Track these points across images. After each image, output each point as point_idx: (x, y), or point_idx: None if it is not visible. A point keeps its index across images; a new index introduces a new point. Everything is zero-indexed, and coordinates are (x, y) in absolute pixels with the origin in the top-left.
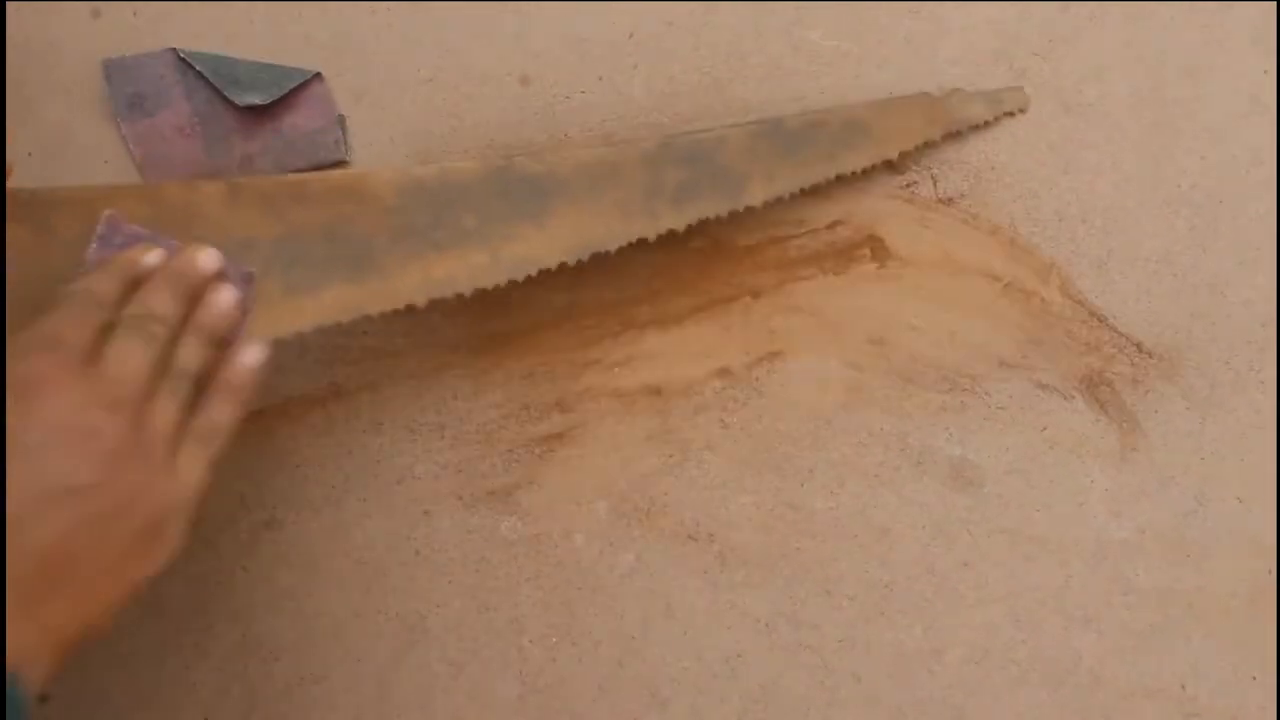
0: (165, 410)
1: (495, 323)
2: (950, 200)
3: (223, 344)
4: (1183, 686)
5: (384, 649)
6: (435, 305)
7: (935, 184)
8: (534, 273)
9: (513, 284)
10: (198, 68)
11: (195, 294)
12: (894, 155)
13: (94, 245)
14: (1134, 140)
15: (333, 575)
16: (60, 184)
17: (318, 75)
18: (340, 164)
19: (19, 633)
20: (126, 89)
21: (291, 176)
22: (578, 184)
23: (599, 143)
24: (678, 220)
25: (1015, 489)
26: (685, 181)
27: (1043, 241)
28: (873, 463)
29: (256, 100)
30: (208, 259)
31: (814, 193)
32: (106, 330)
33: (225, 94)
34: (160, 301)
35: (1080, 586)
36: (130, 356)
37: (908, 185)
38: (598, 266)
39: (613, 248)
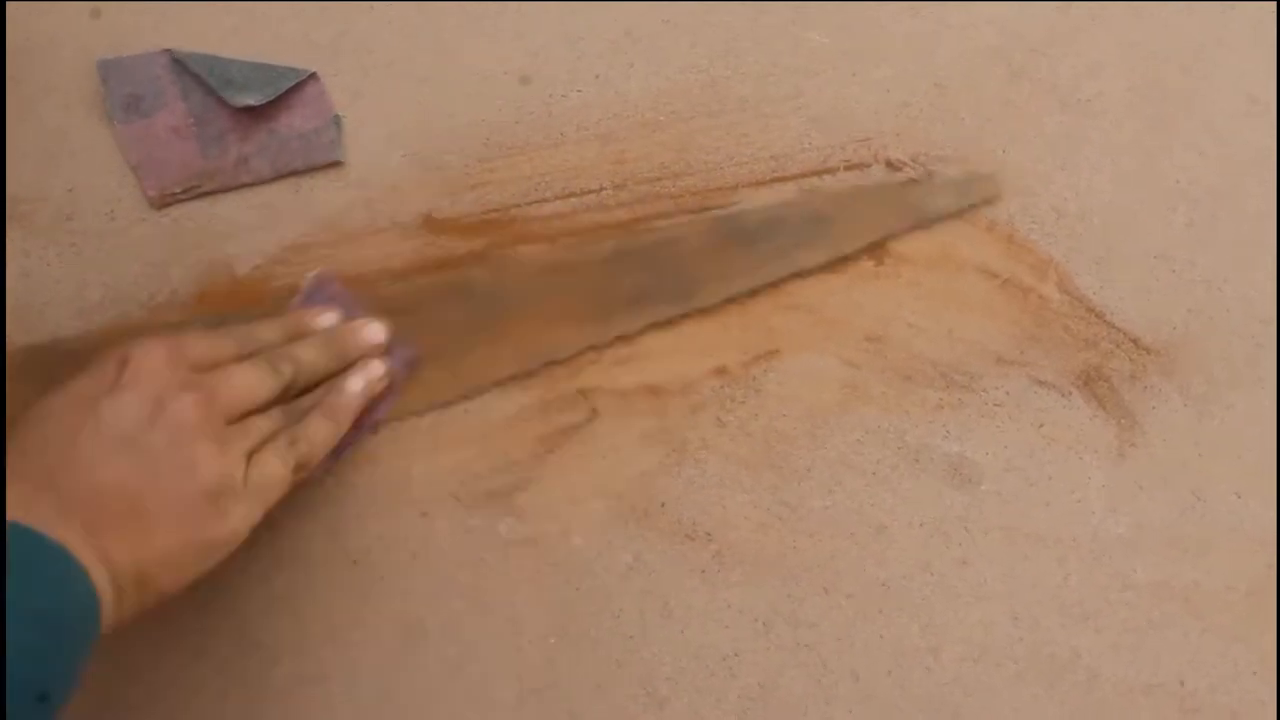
0: (263, 424)
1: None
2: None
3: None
4: (1181, 682)
5: (383, 650)
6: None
7: (933, 181)
8: (488, 386)
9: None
10: (193, 68)
11: (345, 359)
12: (851, 251)
13: (297, 299)
14: (1132, 137)
15: (331, 577)
16: (60, 332)
17: (313, 75)
18: (335, 164)
19: (81, 548)
20: (122, 90)
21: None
22: (534, 293)
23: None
24: (630, 325)
25: (1013, 486)
26: (640, 286)
27: (1041, 238)
28: (870, 460)
29: (252, 100)
30: (371, 332)
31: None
32: (241, 359)
33: (221, 94)
34: (306, 352)
35: (1078, 583)
36: (244, 376)
37: (906, 184)
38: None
39: (563, 356)
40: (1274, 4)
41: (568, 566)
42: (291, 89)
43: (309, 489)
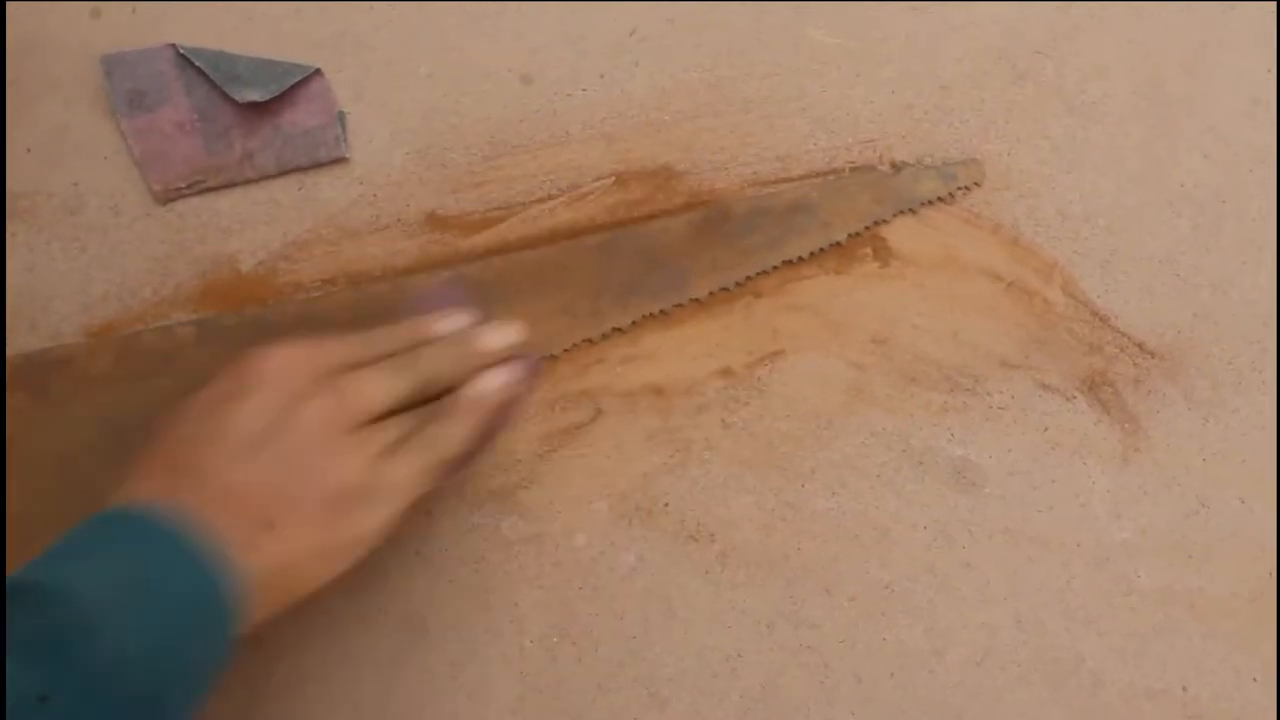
0: (390, 428)
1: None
2: (952, 199)
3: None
4: (1184, 688)
5: (384, 649)
6: None
7: None
8: None
9: None
10: (197, 64)
11: (473, 365)
12: (841, 238)
13: (421, 303)
14: (1137, 139)
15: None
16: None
17: (318, 71)
18: (340, 161)
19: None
20: (126, 85)
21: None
22: (526, 289)
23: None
24: (623, 318)
25: (1017, 489)
26: (631, 279)
27: (1045, 241)
28: (874, 463)
29: (256, 96)
30: (497, 337)
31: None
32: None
33: (225, 90)
34: (436, 356)
35: (1082, 587)
36: (374, 379)
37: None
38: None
39: (558, 350)
40: (1274, 4)
41: (571, 566)
42: (296, 85)
43: None
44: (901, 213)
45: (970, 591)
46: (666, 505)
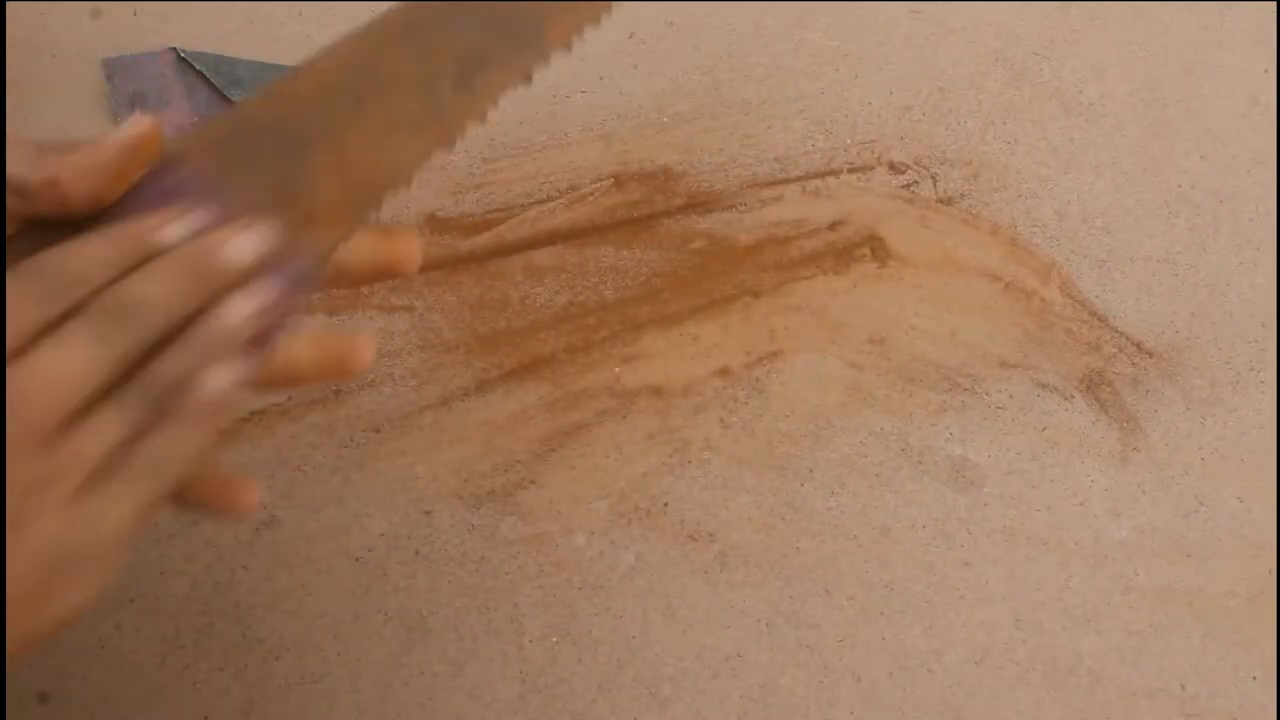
0: (100, 432)
1: (495, 323)
2: (950, 200)
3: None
4: (1183, 686)
5: (384, 649)
6: (435, 306)
7: (935, 184)
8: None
9: (512, 284)
10: (198, 67)
11: (212, 287)
12: None
13: (135, 197)
14: (1134, 140)
15: (333, 575)
16: None
17: None
18: None
19: None
20: (127, 88)
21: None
22: (325, 120)
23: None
24: (474, 105)
25: (1015, 489)
26: (467, 50)
27: (1043, 241)
28: (873, 462)
29: None
30: (243, 245)
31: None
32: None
33: (225, 93)
34: (149, 288)
35: (1080, 586)
36: (59, 361)
37: (908, 185)
38: (597, 266)
39: (408, 174)
40: (1274, 4)
41: (570, 566)
42: None
43: (310, 488)
44: None
45: (969, 590)
46: (666, 505)
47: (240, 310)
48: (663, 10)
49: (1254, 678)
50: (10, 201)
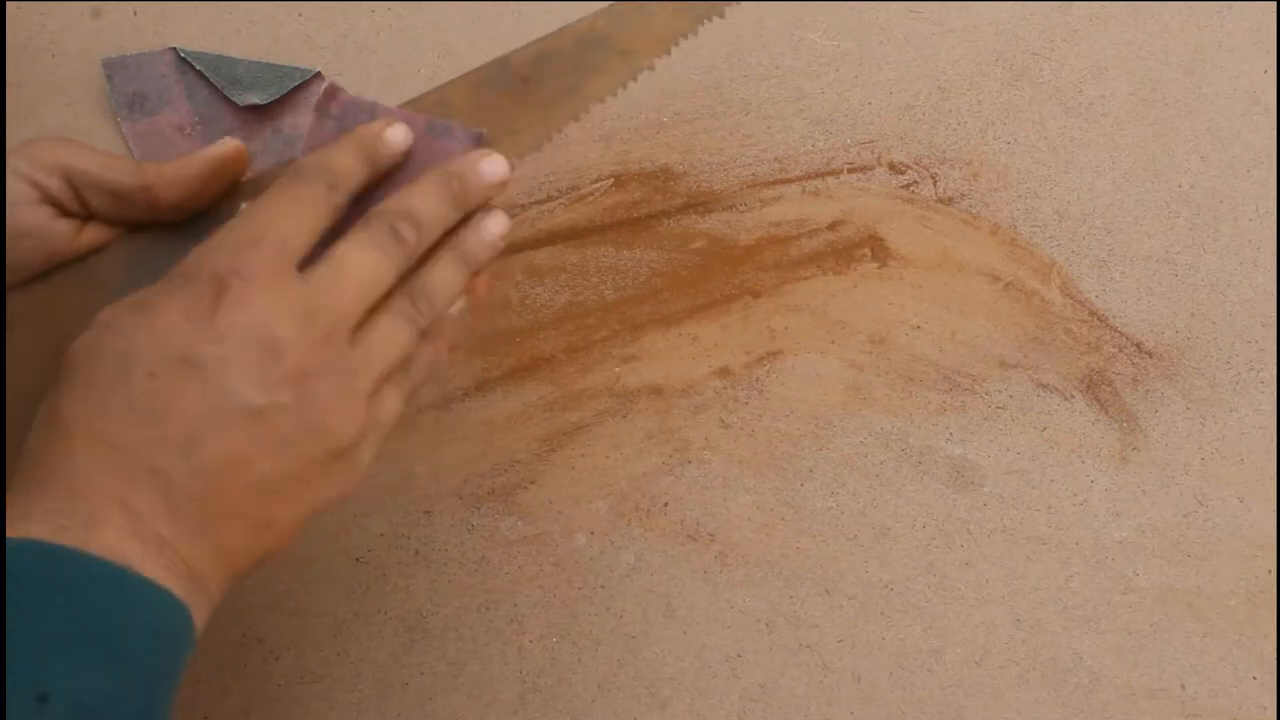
0: (392, 334)
1: (495, 322)
2: (950, 200)
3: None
4: (1183, 686)
5: (384, 649)
6: None
7: (935, 184)
8: None
9: (512, 284)
10: (198, 67)
11: (469, 206)
12: (648, 65)
13: (312, 118)
14: (1134, 140)
15: (334, 574)
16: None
17: (318, 75)
18: None
19: (196, 556)
20: (127, 88)
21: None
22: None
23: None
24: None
25: (1015, 489)
26: None
27: (1043, 241)
28: (873, 462)
29: (257, 100)
30: (496, 167)
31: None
32: (338, 225)
33: (226, 93)
34: (424, 203)
35: (1080, 586)
36: (360, 264)
37: (908, 185)
38: (597, 266)
39: None
40: (1274, 4)
41: (570, 566)
42: (296, 89)
43: None
44: (707, 20)
45: (969, 590)
46: (666, 505)
47: (497, 227)
48: None
49: (1254, 678)
50: (109, 205)
